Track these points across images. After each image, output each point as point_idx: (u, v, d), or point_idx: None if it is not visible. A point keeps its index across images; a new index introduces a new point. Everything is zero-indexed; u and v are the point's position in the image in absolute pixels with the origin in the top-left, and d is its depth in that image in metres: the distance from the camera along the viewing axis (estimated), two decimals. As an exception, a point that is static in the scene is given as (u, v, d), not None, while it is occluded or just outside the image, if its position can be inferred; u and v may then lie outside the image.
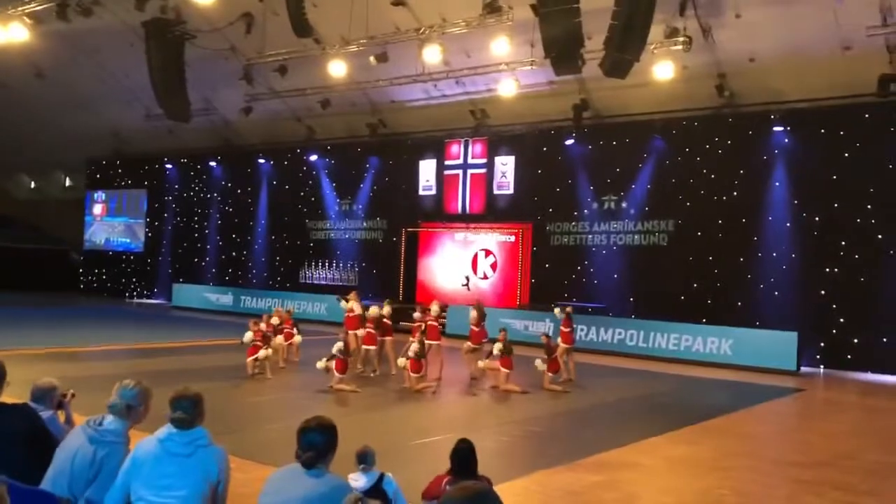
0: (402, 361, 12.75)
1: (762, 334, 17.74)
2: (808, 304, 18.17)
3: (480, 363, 13.79)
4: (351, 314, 14.55)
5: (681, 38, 17.03)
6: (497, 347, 13.21)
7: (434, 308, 14.73)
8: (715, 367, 17.55)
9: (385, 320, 14.52)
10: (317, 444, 3.59)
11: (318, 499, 3.46)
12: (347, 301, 14.82)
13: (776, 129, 18.78)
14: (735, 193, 19.48)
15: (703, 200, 19.88)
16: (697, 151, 20.07)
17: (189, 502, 3.64)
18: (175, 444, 3.72)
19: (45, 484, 3.74)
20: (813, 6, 16.71)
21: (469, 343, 14.45)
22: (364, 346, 14.32)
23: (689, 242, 20.04)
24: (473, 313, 14.69)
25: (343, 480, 3.67)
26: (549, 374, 13.42)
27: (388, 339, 14.54)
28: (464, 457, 4.80)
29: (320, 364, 12.20)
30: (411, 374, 12.55)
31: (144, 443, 3.79)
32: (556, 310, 15.22)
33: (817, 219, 18.33)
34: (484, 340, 14.38)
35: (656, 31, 15.97)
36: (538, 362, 13.59)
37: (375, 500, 4.51)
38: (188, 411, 3.78)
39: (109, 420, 3.89)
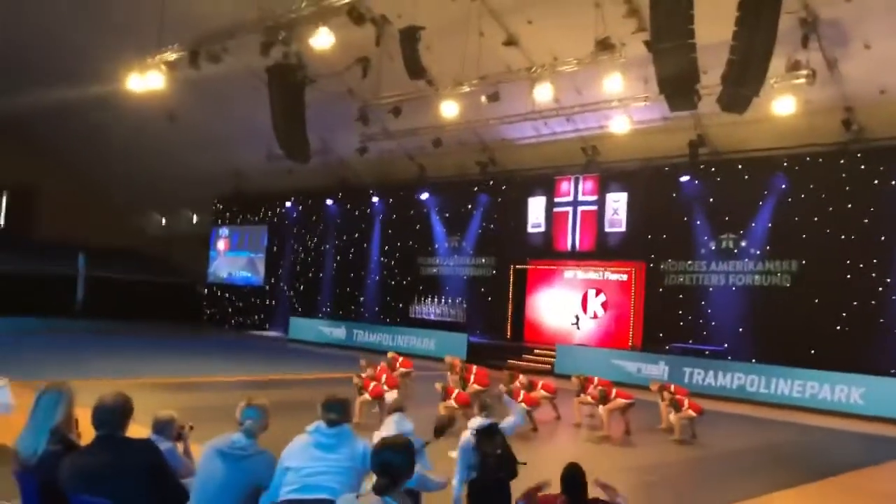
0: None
1: (897, 383, 16.53)
2: (950, 352, 16.84)
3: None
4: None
5: (803, 72, 16.33)
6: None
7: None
8: (843, 416, 16.44)
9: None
10: (393, 467, 3.37)
11: None
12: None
13: (911, 164, 17.68)
14: (864, 232, 18.39)
15: (828, 239, 18.85)
16: (822, 188, 19.11)
17: (335, 476, 3.95)
18: (321, 434, 4.18)
19: None
20: (951, 33, 15.74)
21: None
22: (477, 387, 14.23)
23: (815, 284, 19.00)
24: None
25: None
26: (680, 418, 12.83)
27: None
28: (574, 480, 4.82)
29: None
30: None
31: (296, 438, 4.29)
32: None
33: (959, 260, 17.06)
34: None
35: (777, 64, 15.36)
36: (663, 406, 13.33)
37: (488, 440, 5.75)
38: (340, 413, 4.24)
39: (239, 437, 4.28)
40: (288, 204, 33.54)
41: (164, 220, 42.52)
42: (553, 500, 4.81)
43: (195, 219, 41.00)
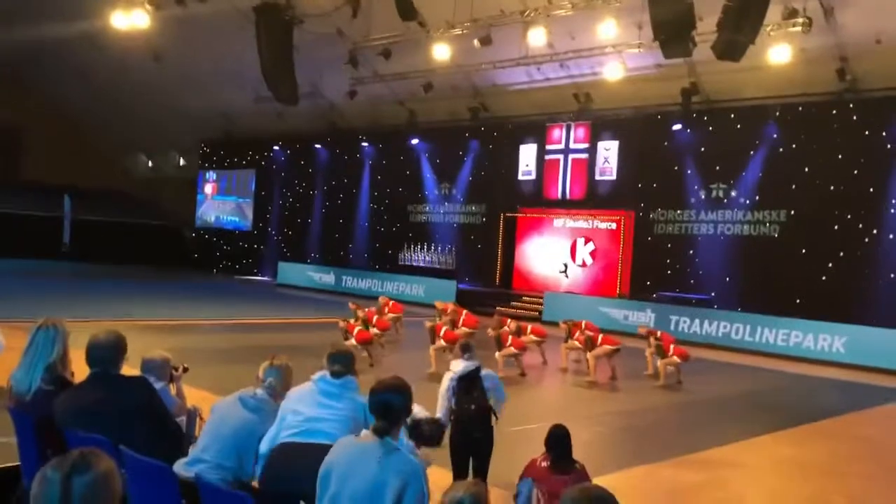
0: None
1: (879, 332, 16.71)
2: (933, 303, 17.05)
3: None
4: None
5: (800, 20, 16.13)
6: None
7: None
8: (826, 365, 16.70)
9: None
10: (392, 408, 3.35)
11: (389, 484, 3.14)
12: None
13: (903, 115, 17.63)
14: (854, 183, 18.41)
15: (818, 190, 18.88)
16: (814, 139, 19.06)
17: (335, 424, 3.98)
18: (326, 383, 4.16)
19: (206, 452, 4.05)
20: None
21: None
22: (466, 329, 14.41)
23: (803, 234, 19.10)
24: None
25: (418, 462, 3.31)
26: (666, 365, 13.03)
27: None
28: (559, 441, 4.84)
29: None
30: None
31: (299, 386, 4.29)
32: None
33: (946, 212, 17.15)
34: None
35: (773, 12, 15.19)
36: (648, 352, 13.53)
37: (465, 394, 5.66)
38: (344, 365, 4.23)
39: (261, 392, 4.37)
40: (276, 148, 33.19)
41: (150, 163, 42.05)
42: (537, 461, 4.88)
43: (182, 162, 40.56)
